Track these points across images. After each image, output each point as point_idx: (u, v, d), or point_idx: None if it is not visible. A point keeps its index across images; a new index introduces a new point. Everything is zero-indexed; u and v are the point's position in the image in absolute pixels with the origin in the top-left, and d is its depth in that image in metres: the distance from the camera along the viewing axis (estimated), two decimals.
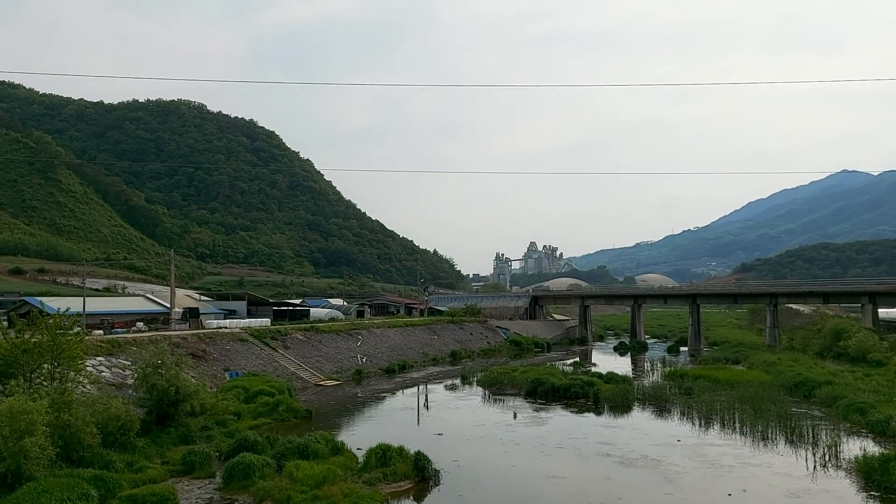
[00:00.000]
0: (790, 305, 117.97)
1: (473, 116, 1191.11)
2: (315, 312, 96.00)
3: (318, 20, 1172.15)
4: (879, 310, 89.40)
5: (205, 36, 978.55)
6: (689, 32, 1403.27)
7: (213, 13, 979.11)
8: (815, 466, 30.12)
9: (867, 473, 27.59)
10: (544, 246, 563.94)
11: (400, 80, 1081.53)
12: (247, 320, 74.53)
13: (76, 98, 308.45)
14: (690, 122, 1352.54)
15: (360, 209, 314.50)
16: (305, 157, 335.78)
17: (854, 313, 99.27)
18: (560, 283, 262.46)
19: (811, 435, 35.56)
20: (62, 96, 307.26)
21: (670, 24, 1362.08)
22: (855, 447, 32.37)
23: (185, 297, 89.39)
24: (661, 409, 45.32)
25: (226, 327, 66.51)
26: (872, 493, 26.21)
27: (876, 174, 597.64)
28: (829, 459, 30.91)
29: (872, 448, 31.68)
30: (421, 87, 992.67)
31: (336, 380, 60.40)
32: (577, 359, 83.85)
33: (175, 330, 62.57)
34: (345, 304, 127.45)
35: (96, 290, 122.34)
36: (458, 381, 61.39)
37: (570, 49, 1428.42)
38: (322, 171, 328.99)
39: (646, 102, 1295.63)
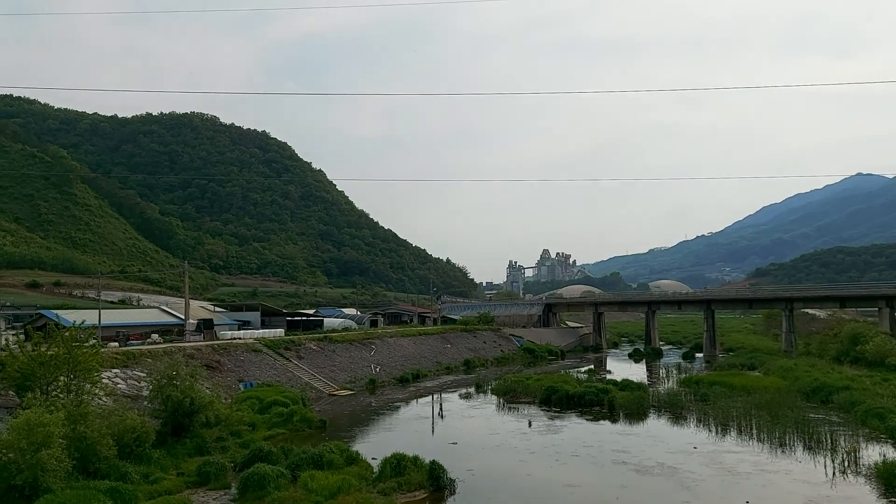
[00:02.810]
0: (806, 310, 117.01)
1: (486, 124, 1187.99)
2: (328, 322, 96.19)
3: (328, 31, 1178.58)
4: None
5: (217, 49, 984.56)
6: (701, 37, 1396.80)
7: (225, 26, 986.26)
8: (834, 473, 29.80)
9: (888, 480, 27.25)
10: (557, 253, 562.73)
11: (412, 89, 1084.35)
12: (261, 331, 74.87)
13: (90, 112, 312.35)
14: (703, 126, 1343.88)
15: (372, 219, 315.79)
16: (318, 168, 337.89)
17: (871, 317, 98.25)
18: (573, 291, 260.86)
19: (829, 441, 35.15)
20: (77, 111, 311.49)
21: (681, 29, 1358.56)
22: (874, 453, 31.95)
23: (200, 309, 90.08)
24: (677, 416, 45.01)
25: (240, 338, 66.73)
26: (893, 499, 25.88)
27: (891, 177, 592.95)
28: (849, 466, 30.54)
29: (892, 454, 31.37)
30: (433, 95, 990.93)
31: (350, 389, 60.42)
32: (592, 366, 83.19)
33: (189, 341, 62.95)
34: (358, 313, 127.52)
35: (111, 302, 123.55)
36: (472, 390, 61.16)
37: (582, 56, 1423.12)
38: (334, 181, 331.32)
39: (658, 108, 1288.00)
